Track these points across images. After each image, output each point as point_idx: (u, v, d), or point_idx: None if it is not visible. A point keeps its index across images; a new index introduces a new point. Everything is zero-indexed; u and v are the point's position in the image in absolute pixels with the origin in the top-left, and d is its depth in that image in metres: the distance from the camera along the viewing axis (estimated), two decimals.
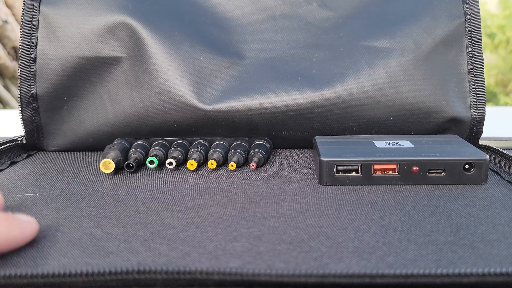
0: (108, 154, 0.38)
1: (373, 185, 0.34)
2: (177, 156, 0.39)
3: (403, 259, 0.23)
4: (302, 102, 0.41)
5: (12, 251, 0.24)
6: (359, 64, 0.42)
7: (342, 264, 0.23)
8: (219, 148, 0.40)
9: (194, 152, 0.39)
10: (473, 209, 0.30)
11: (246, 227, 0.27)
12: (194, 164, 0.38)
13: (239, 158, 0.39)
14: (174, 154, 0.39)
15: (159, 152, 0.39)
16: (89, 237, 0.26)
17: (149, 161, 0.38)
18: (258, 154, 0.39)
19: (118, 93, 0.42)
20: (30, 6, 0.43)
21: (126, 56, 0.42)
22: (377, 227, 0.27)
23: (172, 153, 0.39)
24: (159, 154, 0.39)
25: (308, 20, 0.45)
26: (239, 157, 0.39)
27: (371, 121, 0.42)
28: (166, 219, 0.28)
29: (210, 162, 0.38)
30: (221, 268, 0.22)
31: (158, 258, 0.23)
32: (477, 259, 0.23)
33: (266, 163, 0.40)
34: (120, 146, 0.39)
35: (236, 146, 0.40)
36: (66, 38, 0.42)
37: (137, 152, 0.39)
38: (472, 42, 0.43)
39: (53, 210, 0.30)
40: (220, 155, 0.39)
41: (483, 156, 0.34)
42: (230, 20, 0.45)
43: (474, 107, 0.43)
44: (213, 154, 0.39)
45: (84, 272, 0.22)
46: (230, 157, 0.39)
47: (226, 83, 0.42)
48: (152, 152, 0.39)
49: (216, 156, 0.39)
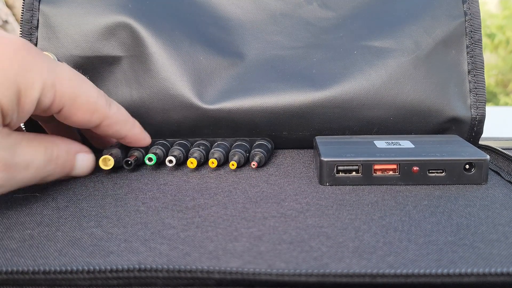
0: (107, 151, 0.38)
1: (373, 185, 0.34)
2: (177, 155, 0.39)
3: (403, 259, 0.23)
4: (302, 102, 0.41)
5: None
6: (359, 64, 0.42)
7: (342, 264, 0.23)
8: (220, 148, 0.40)
9: (195, 151, 0.39)
10: (473, 209, 0.30)
11: (247, 227, 0.27)
12: (194, 162, 0.38)
13: (240, 158, 0.39)
14: (174, 153, 0.39)
15: (159, 151, 0.39)
16: (89, 236, 0.26)
17: (148, 158, 0.38)
18: (259, 154, 0.39)
19: (118, 93, 0.42)
20: (29, 5, 0.42)
21: (126, 56, 0.42)
22: (377, 227, 0.27)
23: (173, 151, 0.39)
24: (158, 153, 0.39)
25: (309, 20, 0.45)
26: (240, 156, 0.39)
27: (371, 121, 0.42)
28: (166, 219, 0.28)
29: (211, 161, 0.38)
30: (222, 267, 0.22)
31: (159, 258, 0.23)
32: (477, 259, 0.23)
33: (267, 163, 0.40)
34: (120, 145, 0.39)
35: (237, 146, 0.40)
36: (66, 37, 0.42)
37: (136, 151, 0.39)
38: (472, 42, 0.43)
39: (54, 210, 0.30)
40: (221, 154, 0.39)
41: (483, 156, 0.34)
42: (230, 20, 0.45)
43: (474, 107, 0.43)
44: (214, 153, 0.39)
45: (85, 270, 0.22)
46: (231, 156, 0.39)
47: (226, 83, 0.42)
48: (151, 150, 0.39)
49: (217, 155, 0.39)
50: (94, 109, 0.33)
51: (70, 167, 0.35)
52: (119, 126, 0.36)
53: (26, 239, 0.26)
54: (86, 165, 0.36)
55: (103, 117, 0.34)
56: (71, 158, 0.35)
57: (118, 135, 0.37)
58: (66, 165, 0.34)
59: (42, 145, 0.32)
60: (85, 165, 0.36)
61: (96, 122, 0.34)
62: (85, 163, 0.36)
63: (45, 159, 0.32)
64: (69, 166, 0.34)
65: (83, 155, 0.36)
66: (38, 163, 0.31)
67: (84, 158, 0.36)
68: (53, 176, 0.33)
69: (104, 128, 0.35)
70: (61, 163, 0.33)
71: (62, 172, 0.34)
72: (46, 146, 0.32)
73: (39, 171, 0.31)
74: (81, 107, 0.33)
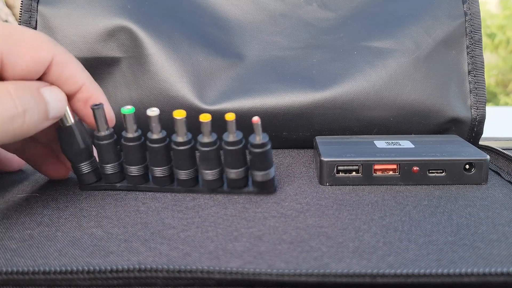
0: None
1: (373, 185, 0.34)
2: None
3: (403, 259, 0.23)
4: (302, 103, 0.41)
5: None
6: (359, 65, 0.42)
7: (342, 264, 0.23)
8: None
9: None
10: (473, 209, 0.30)
11: (247, 227, 0.27)
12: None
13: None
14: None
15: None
16: (89, 237, 0.26)
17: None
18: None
19: (117, 94, 0.42)
20: (28, 6, 0.42)
21: (125, 57, 0.42)
22: (377, 227, 0.27)
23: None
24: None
25: (308, 20, 0.45)
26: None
27: (371, 122, 0.42)
28: (166, 219, 0.28)
29: None
30: (222, 267, 0.22)
31: (159, 258, 0.23)
32: (477, 259, 0.23)
33: None
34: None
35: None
36: (64, 39, 0.42)
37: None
38: (473, 42, 0.43)
39: (54, 210, 0.30)
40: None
41: (483, 156, 0.34)
42: (230, 21, 0.45)
43: (475, 107, 0.43)
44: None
45: (85, 270, 0.22)
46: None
47: (226, 84, 0.42)
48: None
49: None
50: (39, 43, 0.28)
51: (41, 104, 0.28)
52: (74, 67, 0.30)
53: (26, 239, 0.26)
54: (58, 99, 0.30)
55: (53, 52, 0.29)
56: (36, 94, 0.28)
57: (75, 83, 0.31)
58: (36, 104, 0.28)
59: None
60: (57, 98, 0.30)
61: (46, 58, 0.29)
62: (55, 95, 0.29)
63: (5, 103, 0.26)
64: (40, 103, 0.28)
65: (48, 88, 0.29)
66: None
67: (52, 91, 0.29)
68: (28, 124, 0.27)
69: (58, 68, 0.29)
70: (27, 103, 0.27)
71: (35, 115, 0.28)
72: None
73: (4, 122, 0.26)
74: (21, 43, 0.28)
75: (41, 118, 0.28)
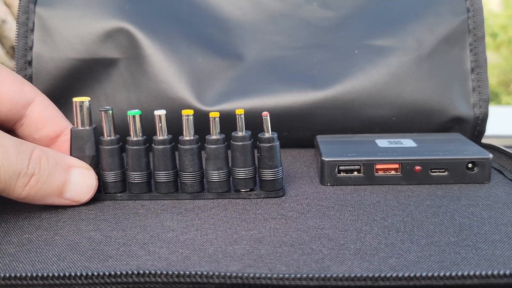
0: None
1: (375, 185, 0.34)
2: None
3: (405, 261, 0.23)
4: (303, 103, 0.41)
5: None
6: (360, 64, 0.42)
7: (344, 267, 0.22)
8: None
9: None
10: (476, 208, 0.29)
11: (247, 229, 0.27)
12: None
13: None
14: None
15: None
16: (88, 240, 0.26)
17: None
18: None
19: (115, 95, 0.42)
20: (25, 8, 0.42)
21: (123, 58, 0.42)
22: (379, 228, 0.27)
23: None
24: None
25: (308, 20, 0.45)
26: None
27: (373, 121, 0.42)
28: (165, 221, 0.28)
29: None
30: (222, 272, 0.22)
31: (158, 261, 0.23)
32: (480, 260, 0.23)
33: None
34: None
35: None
36: (62, 40, 0.42)
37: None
38: (475, 39, 0.43)
39: (52, 213, 0.30)
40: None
41: (486, 155, 0.34)
42: (229, 21, 0.45)
43: (477, 106, 0.42)
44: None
45: (84, 275, 0.22)
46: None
47: (225, 85, 0.42)
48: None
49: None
50: (22, 81, 0.29)
51: (59, 178, 0.28)
52: (56, 110, 0.31)
53: (25, 244, 0.26)
54: (85, 182, 0.29)
55: (36, 92, 0.30)
56: (61, 169, 0.28)
57: (58, 125, 0.31)
58: (51, 175, 0.27)
59: (13, 141, 0.26)
60: (83, 182, 0.29)
61: (29, 96, 0.29)
62: (82, 178, 0.29)
63: (17, 154, 0.25)
64: (59, 177, 0.28)
65: (80, 169, 0.29)
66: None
67: (82, 173, 0.29)
68: (31, 188, 0.27)
69: (41, 108, 0.30)
70: (44, 169, 0.27)
71: (48, 187, 0.27)
72: (22, 143, 0.26)
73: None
74: (5, 80, 0.29)
75: (50, 190, 0.28)
